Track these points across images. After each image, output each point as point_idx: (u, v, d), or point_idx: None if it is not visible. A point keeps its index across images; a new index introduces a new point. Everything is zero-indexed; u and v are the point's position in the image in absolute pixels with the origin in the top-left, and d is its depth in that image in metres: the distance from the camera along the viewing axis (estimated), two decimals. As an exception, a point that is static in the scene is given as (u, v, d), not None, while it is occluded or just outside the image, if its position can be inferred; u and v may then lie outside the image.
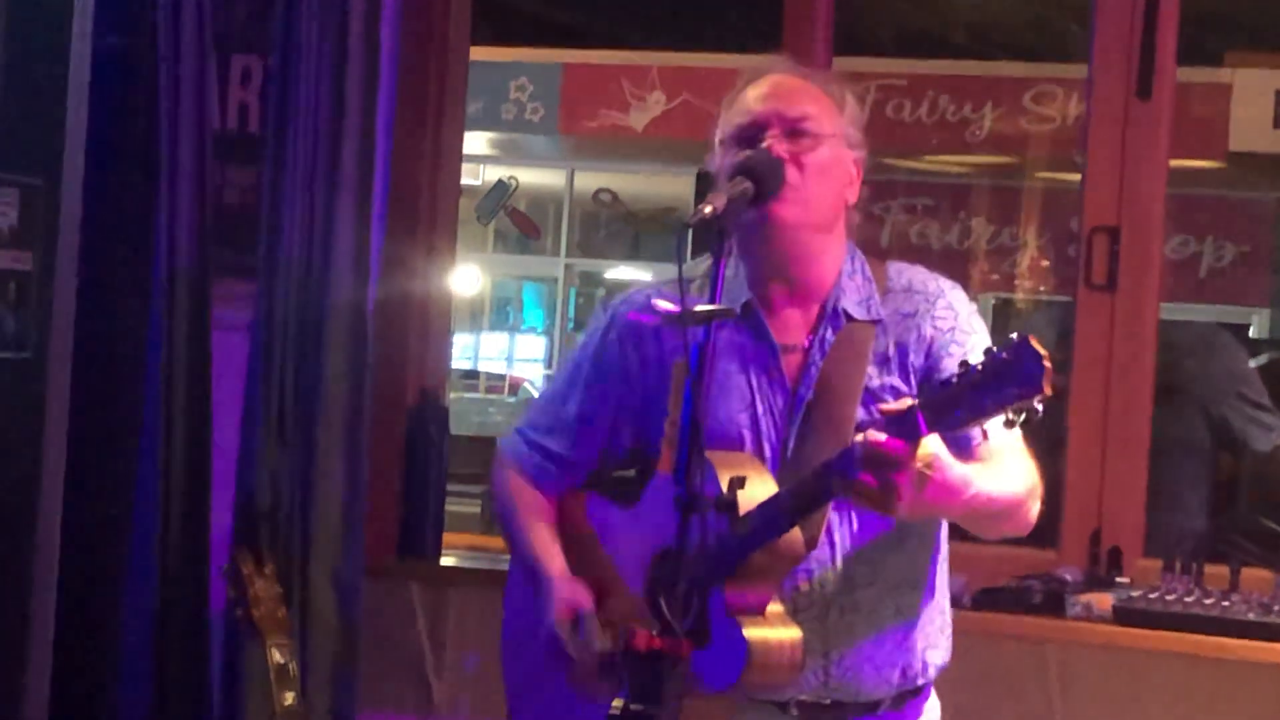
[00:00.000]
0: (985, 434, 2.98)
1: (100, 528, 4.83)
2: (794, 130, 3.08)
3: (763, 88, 3.13)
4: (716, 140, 3.15)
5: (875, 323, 3.13)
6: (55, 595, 4.83)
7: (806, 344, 3.13)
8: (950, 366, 3.02)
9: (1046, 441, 4.78)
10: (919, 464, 2.72)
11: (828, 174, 3.09)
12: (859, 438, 2.74)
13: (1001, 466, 2.96)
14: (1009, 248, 12.98)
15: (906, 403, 2.73)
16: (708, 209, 2.92)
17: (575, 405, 3.30)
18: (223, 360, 4.81)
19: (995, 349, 2.63)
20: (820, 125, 3.09)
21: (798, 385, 3.11)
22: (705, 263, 3.01)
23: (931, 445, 2.74)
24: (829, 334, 3.12)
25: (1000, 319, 13.16)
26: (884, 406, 2.78)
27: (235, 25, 4.93)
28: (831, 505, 3.03)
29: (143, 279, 4.80)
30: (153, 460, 4.73)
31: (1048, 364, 2.59)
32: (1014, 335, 2.63)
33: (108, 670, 4.77)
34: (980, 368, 2.63)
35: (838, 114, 3.14)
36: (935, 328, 3.12)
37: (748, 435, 3.11)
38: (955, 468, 2.78)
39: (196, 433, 4.77)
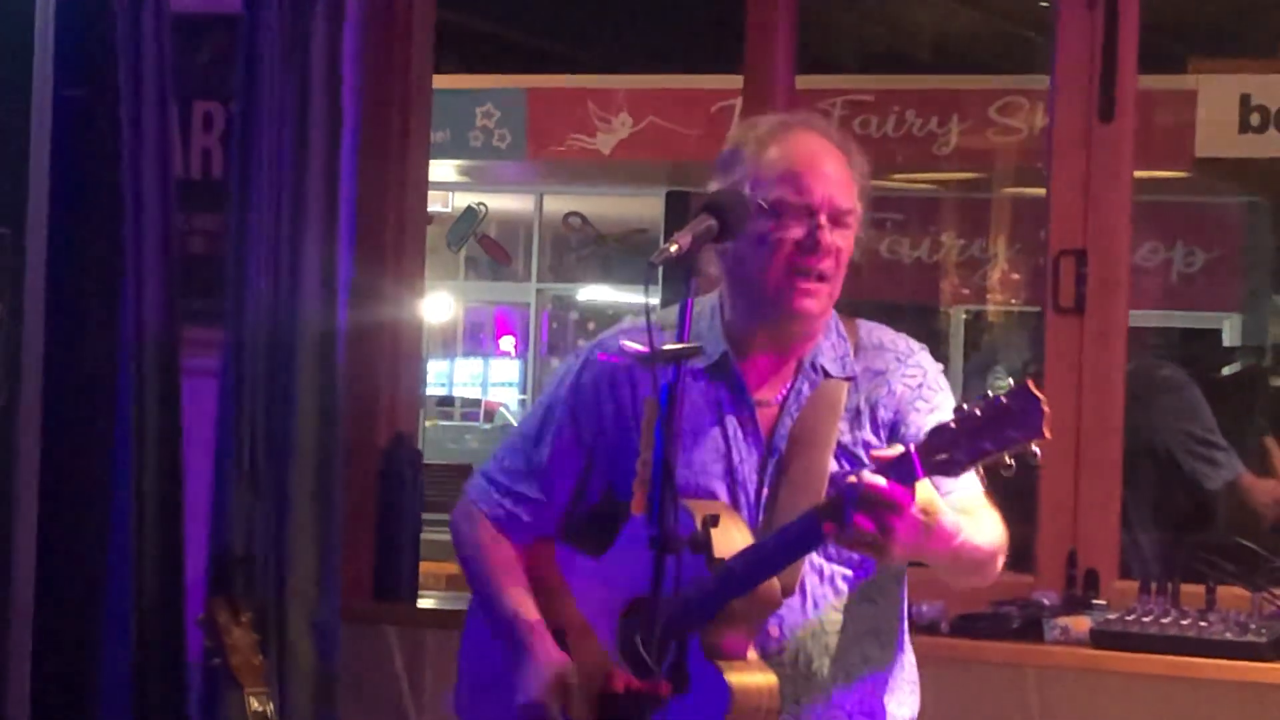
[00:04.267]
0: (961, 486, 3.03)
1: (75, 579, 4.82)
2: (839, 221, 3.09)
3: (810, 161, 3.10)
4: (736, 184, 3.10)
5: (849, 379, 3.16)
6: (31, 649, 4.82)
7: (781, 398, 3.16)
8: (916, 421, 3.09)
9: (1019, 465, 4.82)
10: (917, 509, 2.77)
11: (849, 256, 3.13)
12: (851, 478, 2.79)
13: (978, 518, 3.02)
14: (979, 260, 12.98)
15: (899, 449, 2.77)
16: (673, 248, 2.96)
17: (548, 449, 3.28)
18: (193, 407, 4.80)
19: (995, 394, 2.69)
20: (856, 220, 3.12)
21: (772, 438, 3.14)
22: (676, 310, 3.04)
23: (926, 490, 2.77)
24: (805, 389, 3.15)
25: (972, 332, 13.18)
26: (876, 452, 2.83)
27: (196, 72, 4.92)
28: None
29: (111, 327, 4.80)
30: (125, 510, 4.72)
31: (1047, 409, 2.65)
32: (1010, 381, 2.67)
33: (87, 724, 4.77)
34: (980, 411, 2.68)
35: (859, 192, 3.14)
36: (905, 384, 3.16)
37: (722, 487, 3.13)
38: (948, 513, 2.88)
39: (168, 481, 4.76)
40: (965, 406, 2.73)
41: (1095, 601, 4.52)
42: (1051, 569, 4.66)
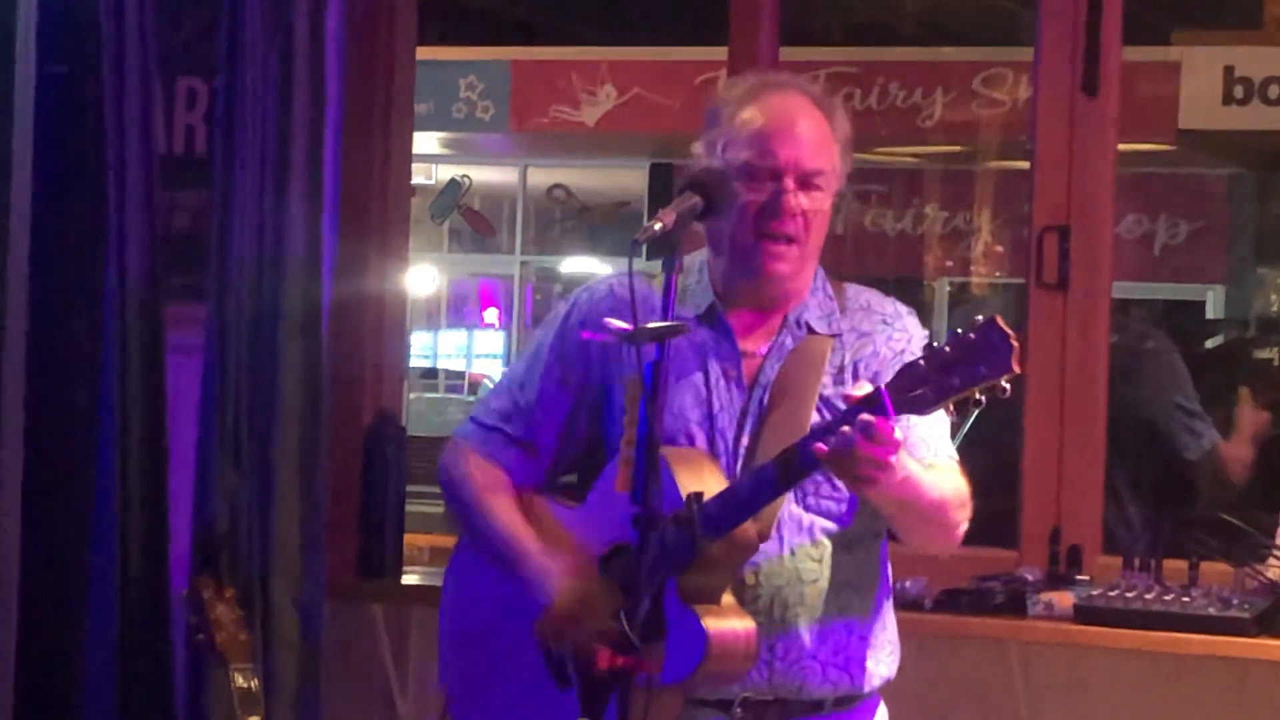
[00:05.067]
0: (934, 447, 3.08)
1: (59, 556, 4.81)
2: (808, 183, 3.10)
3: (780, 122, 3.12)
4: (712, 142, 3.15)
5: (834, 336, 3.19)
6: (16, 625, 4.81)
7: (765, 350, 3.19)
8: None
9: (1003, 441, 4.84)
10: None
11: (824, 219, 3.15)
12: (844, 428, 2.80)
13: (938, 471, 3.06)
14: (963, 232, 13.01)
15: (868, 387, 2.81)
16: (657, 226, 2.99)
17: (535, 390, 3.30)
18: (177, 383, 4.79)
19: (962, 329, 2.69)
20: (829, 180, 3.13)
21: (754, 387, 3.17)
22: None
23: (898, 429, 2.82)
24: (789, 342, 3.18)
25: (956, 304, 13.21)
26: (847, 391, 2.87)
27: (179, 48, 4.90)
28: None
29: (95, 304, 4.78)
30: (109, 488, 4.71)
31: (1015, 343, 2.66)
32: (979, 316, 2.68)
33: (71, 701, 4.76)
34: (948, 348, 2.70)
35: (839, 152, 3.15)
36: (889, 348, 3.19)
37: (700, 433, 3.15)
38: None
39: (153, 458, 4.75)
40: (935, 344, 2.75)
41: (1079, 577, 4.52)
42: (1035, 544, 4.66)
